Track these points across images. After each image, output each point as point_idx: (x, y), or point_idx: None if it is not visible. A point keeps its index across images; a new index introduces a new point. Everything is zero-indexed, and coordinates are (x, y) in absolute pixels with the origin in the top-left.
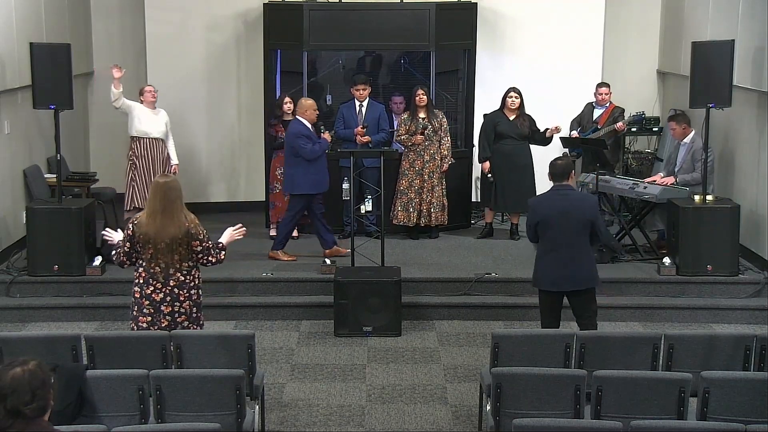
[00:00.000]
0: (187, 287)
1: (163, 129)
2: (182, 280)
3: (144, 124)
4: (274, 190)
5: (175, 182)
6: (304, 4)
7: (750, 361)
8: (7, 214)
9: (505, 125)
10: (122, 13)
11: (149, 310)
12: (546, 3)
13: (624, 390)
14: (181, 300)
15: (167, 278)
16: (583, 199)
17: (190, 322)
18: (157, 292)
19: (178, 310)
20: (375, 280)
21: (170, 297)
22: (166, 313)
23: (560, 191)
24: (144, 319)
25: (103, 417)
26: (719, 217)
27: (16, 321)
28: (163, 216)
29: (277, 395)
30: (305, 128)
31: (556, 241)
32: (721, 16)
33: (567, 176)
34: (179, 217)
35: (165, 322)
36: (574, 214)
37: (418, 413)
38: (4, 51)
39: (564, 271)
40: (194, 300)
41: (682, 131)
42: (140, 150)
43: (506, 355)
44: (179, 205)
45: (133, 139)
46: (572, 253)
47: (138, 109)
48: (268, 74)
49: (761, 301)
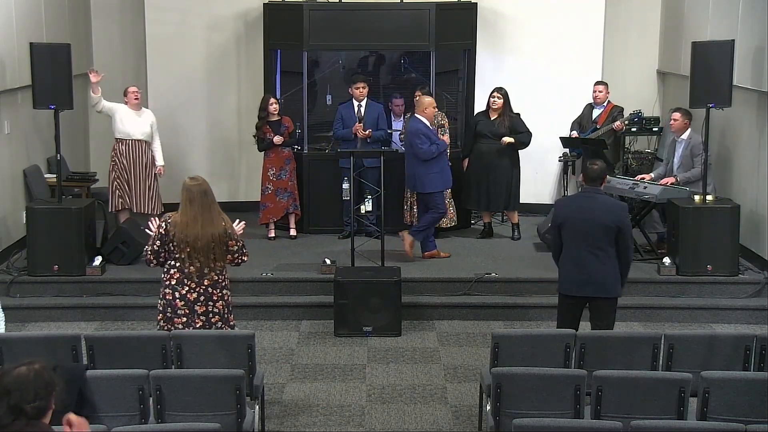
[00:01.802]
0: (220, 287)
1: (146, 130)
2: (216, 280)
3: (126, 126)
4: (266, 191)
5: (207, 184)
6: (304, 4)
7: (750, 361)
8: (7, 214)
9: (483, 125)
10: (122, 13)
11: (184, 311)
12: (546, 3)
13: (624, 390)
14: (215, 299)
15: (201, 278)
16: (613, 204)
17: (222, 323)
18: (192, 292)
19: (212, 309)
20: (375, 280)
21: (204, 296)
22: (200, 313)
23: (588, 194)
24: (179, 320)
25: (103, 417)
26: (719, 217)
27: (16, 321)
28: (203, 217)
29: (277, 395)
30: (425, 127)
31: (577, 244)
32: (721, 16)
33: (600, 181)
34: (217, 217)
35: (199, 322)
36: (599, 219)
37: (418, 413)
38: (4, 51)
39: (583, 276)
40: (226, 300)
41: (683, 124)
42: (123, 152)
43: (506, 355)
44: (215, 205)
45: (116, 141)
46: (593, 258)
47: (121, 111)
48: (268, 74)
49: (761, 301)
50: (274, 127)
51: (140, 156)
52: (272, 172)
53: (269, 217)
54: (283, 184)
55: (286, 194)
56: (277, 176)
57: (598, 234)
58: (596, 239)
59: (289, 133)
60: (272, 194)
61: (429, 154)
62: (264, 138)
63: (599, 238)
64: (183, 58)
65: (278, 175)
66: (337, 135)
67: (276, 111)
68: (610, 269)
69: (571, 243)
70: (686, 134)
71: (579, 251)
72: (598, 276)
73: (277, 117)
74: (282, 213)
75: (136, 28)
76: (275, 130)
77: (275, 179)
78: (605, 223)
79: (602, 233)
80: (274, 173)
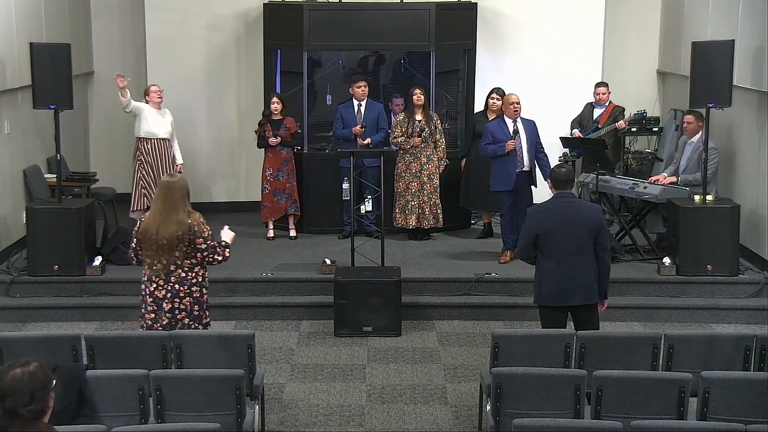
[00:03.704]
0: (188, 284)
1: (169, 129)
2: (183, 277)
3: (151, 125)
4: (264, 190)
5: (181, 181)
6: (304, 4)
7: (750, 361)
8: (7, 214)
9: (480, 125)
10: (122, 13)
11: (152, 307)
12: (546, 3)
13: (624, 390)
14: (181, 296)
15: (168, 275)
16: (589, 207)
17: (191, 320)
18: (159, 289)
19: (178, 306)
20: (375, 280)
21: (171, 293)
22: (166, 309)
23: (564, 199)
24: (149, 316)
25: (103, 417)
26: (719, 217)
27: (16, 321)
28: (165, 214)
29: (277, 395)
30: (494, 124)
31: (560, 253)
32: (721, 16)
33: (570, 183)
34: (182, 214)
35: (166, 319)
36: (579, 224)
37: (418, 413)
38: (4, 51)
39: (570, 284)
40: (195, 297)
41: (696, 127)
42: (148, 151)
43: (506, 355)
44: (182, 203)
45: (140, 140)
46: (578, 264)
47: (146, 111)
48: (268, 74)
49: (761, 301)
50: (275, 127)
51: (165, 154)
52: (270, 173)
53: (268, 216)
54: (280, 185)
55: (284, 196)
56: (275, 177)
57: (579, 238)
58: (578, 244)
59: (291, 134)
60: (270, 194)
61: (486, 153)
62: (264, 136)
63: (581, 242)
64: (183, 58)
65: (275, 176)
66: (337, 135)
67: (277, 110)
68: (593, 274)
69: (554, 252)
70: (696, 137)
71: (563, 259)
72: (581, 281)
73: (279, 116)
74: (280, 214)
75: (136, 28)
76: (275, 130)
77: (272, 180)
78: (588, 224)
79: (583, 236)
80: (271, 173)
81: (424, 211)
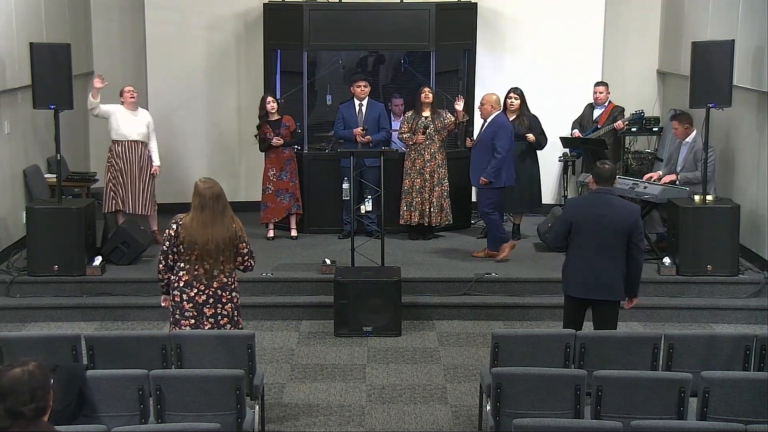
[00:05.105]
0: (229, 289)
1: (143, 131)
2: (225, 282)
3: (122, 127)
4: (266, 191)
5: (219, 187)
6: (304, 4)
7: (750, 361)
8: (7, 214)
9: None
10: (122, 13)
11: (192, 312)
12: (546, 3)
13: (624, 390)
14: (224, 302)
15: (211, 280)
16: (625, 207)
17: (231, 325)
18: (200, 294)
19: (221, 312)
20: (375, 280)
21: (213, 299)
22: (209, 315)
23: (603, 195)
24: (186, 322)
25: (103, 417)
26: (719, 217)
27: (16, 321)
28: (213, 219)
29: (277, 395)
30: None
31: (588, 246)
32: (721, 16)
33: (612, 181)
34: (227, 219)
35: (208, 324)
36: (612, 221)
37: (418, 413)
38: (4, 51)
39: (593, 279)
40: (235, 303)
41: (684, 130)
42: (118, 153)
43: (506, 355)
44: (228, 208)
45: (113, 143)
46: (604, 261)
47: (117, 113)
48: (268, 74)
49: (761, 301)
50: (274, 127)
51: (136, 157)
52: (272, 173)
53: (270, 217)
54: (283, 185)
55: (287, 195)
56: (278, 177)
57: (611, 235)
58: (609, 241)
59: (291, 132)
60: (272, 195)
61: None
62: (265, 138)
63: (612, 240)
64: (183, 58)
65: (279, 176)
66: (338, 134)
67: (274, 110)
68: (619, 272)
69: (583, 244)
70: (690, 137)
71: (589, 252)
72: (606, 278)
73: (276, 116)
74: (283, 214)
75: (136, 28)
76: (275, 130)
77: (276, 180)
78: (619, 224)
79: (616, 235)
80: (274, 173)
81: (426, 209)
